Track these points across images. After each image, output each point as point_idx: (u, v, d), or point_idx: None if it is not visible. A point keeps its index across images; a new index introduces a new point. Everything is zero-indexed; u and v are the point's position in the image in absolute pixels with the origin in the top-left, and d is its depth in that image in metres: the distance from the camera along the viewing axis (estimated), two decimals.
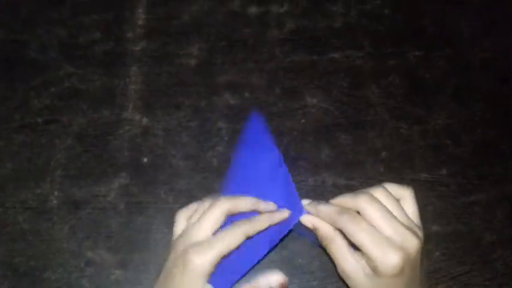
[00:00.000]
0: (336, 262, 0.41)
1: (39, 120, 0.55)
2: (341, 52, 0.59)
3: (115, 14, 0.59)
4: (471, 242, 0.53)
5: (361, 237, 0.38)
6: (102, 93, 0.56)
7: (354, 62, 0.58)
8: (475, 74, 0.59)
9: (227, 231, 0.42)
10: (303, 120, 0.56)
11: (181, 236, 0.43)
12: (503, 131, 0.57)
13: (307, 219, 0.43)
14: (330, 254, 0.42)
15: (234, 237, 0.41)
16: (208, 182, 0.53)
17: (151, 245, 0.50)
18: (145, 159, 0.54)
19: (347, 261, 0.40)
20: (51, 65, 0.57)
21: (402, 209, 0.41)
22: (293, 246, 0.51)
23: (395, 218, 0.40)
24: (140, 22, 0.59)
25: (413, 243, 0.39)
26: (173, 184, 0.53)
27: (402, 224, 0.39)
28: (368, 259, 0.39)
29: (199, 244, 0.41)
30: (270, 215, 0.44)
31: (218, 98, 0.56)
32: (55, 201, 0.52)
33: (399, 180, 0.54)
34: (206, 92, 0.56)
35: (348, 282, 0.41)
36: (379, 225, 0.39)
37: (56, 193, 0.52)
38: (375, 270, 0.38)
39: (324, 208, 0.42)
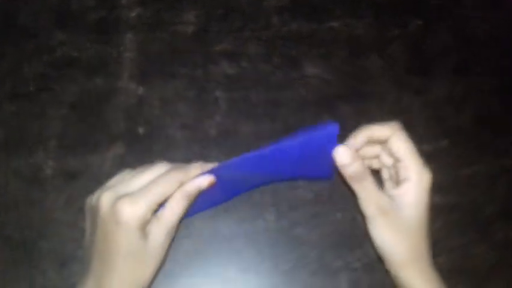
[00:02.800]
0: (366, 196, 0.40)
1: (32, 88, 0.53)
2: (341, 21, 0.57)
3: None
4: (471, 214, 0.52)
5: (409, 148, 0.41)
6: (96, 62, 0.54)
7: (355, 31, 0.57)
8: (477, 46, 0.58)
9: (160, 178, 0.39)
10: (302, 91, 0.55)
11: (108, 189, 0.40)
12: (505, 103, 0.56)
13: (344, 153, 0.40)
14: (360, 188, 0.40)
15: (168, 183, 0.39)
16: (206, 153, 0.52)
17: None
18: (141, 129, 0.52)
19: (379, 195, 0.40)
20: (43, 32, 0.55)
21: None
22: (292, 215, 0.50)
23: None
24: None
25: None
26: (169, 155, 0.51)
27: None
28: (408, 172, 0.40)
29: (129, 195, 0.38)
30: (205, 164, 0.42)
31: (215, 67, 0.55)
32: (49, 171, 0.50)
33: None
34: (202, 60, 0.55)
35: (378, 219, 0.40)
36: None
37: (50, 163, 0.51)
38: (416, 184, 0.40)
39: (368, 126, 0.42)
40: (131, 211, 0.37)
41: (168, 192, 0.39)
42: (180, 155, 0.52)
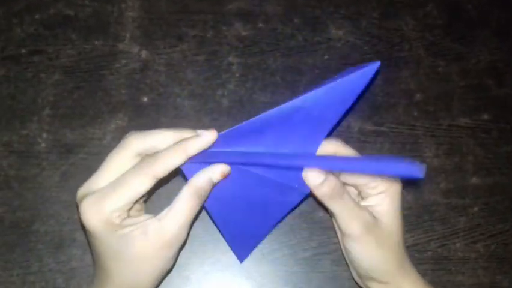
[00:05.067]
0: (344, 218, 0.36)
1: (23, 51, 0.48)
2: None
3: None
4: None
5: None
6: (94, 21, 0.48)
7: None
8: None
9: (129, 173, 0.34)
10: (326, 56, 0.49)
11: (82, 186, 0.35)
12: None
13: (314, 174, 0.35)
14: (338, 211, 0.36)
15: (138, 180, 0.33)
16: (218, 125, 0.47)
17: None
18: (145, 98, 0.47)
19: (359, 215, 0.36)
20: None
21: None
22: (313, 199, 0.45)
23: None
24: None
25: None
26: (177, 127, 0.46)
27: None
28: (377, 186, 0.37)
29: (92, 195, 0.33)
30: (185, 142, 0.34)
31: (227, 29, 0.49)
32: (44, 145, 0.46)
33: (437, 126, 0.48)
34: (213, 20, 0.49)
35: (368, 235, 0.36)
36: None
37: (44, 135, 0.46)
38: (389, 192, 0.37)
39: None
40: (94, 214, 0.33)
41: (140, 191, 0.33)
42: (189, 127, 0.45)
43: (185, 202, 0.34)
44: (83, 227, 0.35)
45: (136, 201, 0.34)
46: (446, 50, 0.50)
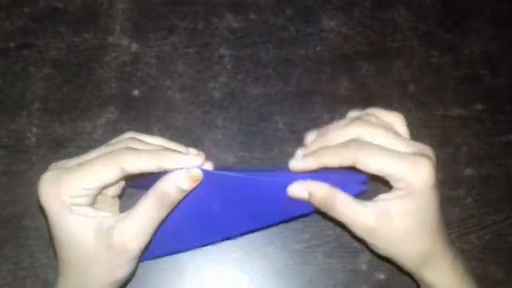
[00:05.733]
0: (348, 220, 0.34)
1: (12, 44, 0.47)
2: None
3: None
4: (507, 187, 0.47)
5: (380, 160, 0.33)
6: (83, 14, 0.48)
7: None
8: None
9: (99, 158, 0.32)
10: (318, 48, 0.49)
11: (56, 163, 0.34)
12: None
13: (299, 188, 0.34)
14: (338, 214, 0.35)
15: (105, 168, 0.31)
16: (209, 118, 0.46)
17: None
18: (136, 92, 0.47)
19: (362, 213, 0.34)
20: None
21: (397, 132, 0.36)
22: None
23: (399, 134, 0.35)
24: None
25: (430, 150, 0.35)
26: (168, 120, 0.46)
27: (408, 139, 0.36)
28: (397, 182, 0.33)
29: (55, 170, 0.32)
30: (168, 152, 0.33)
31: (219, 20, 0.49)
32: (33, 139, 0.45)
33: (430, 117, 0.47)
34: (205, 12, 0.49)
35: (370, 236, 0.35)
36: (388, 143, 0.34)
37: (34, 129, 0.45)
38: (409, 190, 0.33)
39: (322, 152, 0.35)
40: (51, 190, 0.31)
41: (105, 179, 0.31)
42: (180, 120, 0.46)
43: (146, 207, 0.32)
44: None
45: (99, 192, 0.33)
46: (440, 40, 0.50)
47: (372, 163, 0.33)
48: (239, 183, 0.35)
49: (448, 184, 0.46)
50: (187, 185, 0.32)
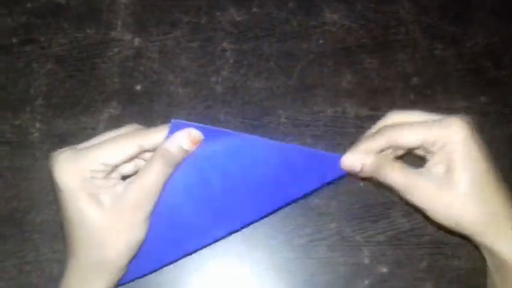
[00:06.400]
0: (406, 187, 0.36)
1: (14, 40, 0.47)
2: None
3: None
4: (509, 182, 0.46)
5: (414, 130, 0.36)
6: (86, 9, 0.48)
7: None
8: None
9: (115, 138, 0.35)
10: (321, 41, 0.48)
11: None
12: None
13: (352, 159, 0.37)
14: (395, 183, 0.36)
15: (123, 144, 0.34)
16: (212, 112, 0.46)
17: None
18: (139, 86, 0.47)
19: (420, 178, 0.36)
20: None
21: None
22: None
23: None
24: None
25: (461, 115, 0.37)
26: (171, 114, 0.46)
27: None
28: (434, 145, 0.36)
29: (71, 149, 0.33)
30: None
31: (221, 14, 0.49)
32: (37, 134, 0.45)
33: (434, 109, 0.47)
34: (207, 6, 0.49)
35: (432, 203, 0.36)
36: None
37: (37, 125, 0.46)
38: (449, 147, 0.35)
39: (361, 141, 0.38)
40: (69, 169, 0.32)
41: (121, 156, 0.34)
42: (183, 114, 0.46)
43: (152, 167, 0.34)
44: (53, 186, 0.34)
45: (115, 168, 0.35)
46: (443, 32, 0.49)
47: (408, 134, 0.36)
48: (240, 144, 0.37)
49: None
50: (187, 144, 0.35)
